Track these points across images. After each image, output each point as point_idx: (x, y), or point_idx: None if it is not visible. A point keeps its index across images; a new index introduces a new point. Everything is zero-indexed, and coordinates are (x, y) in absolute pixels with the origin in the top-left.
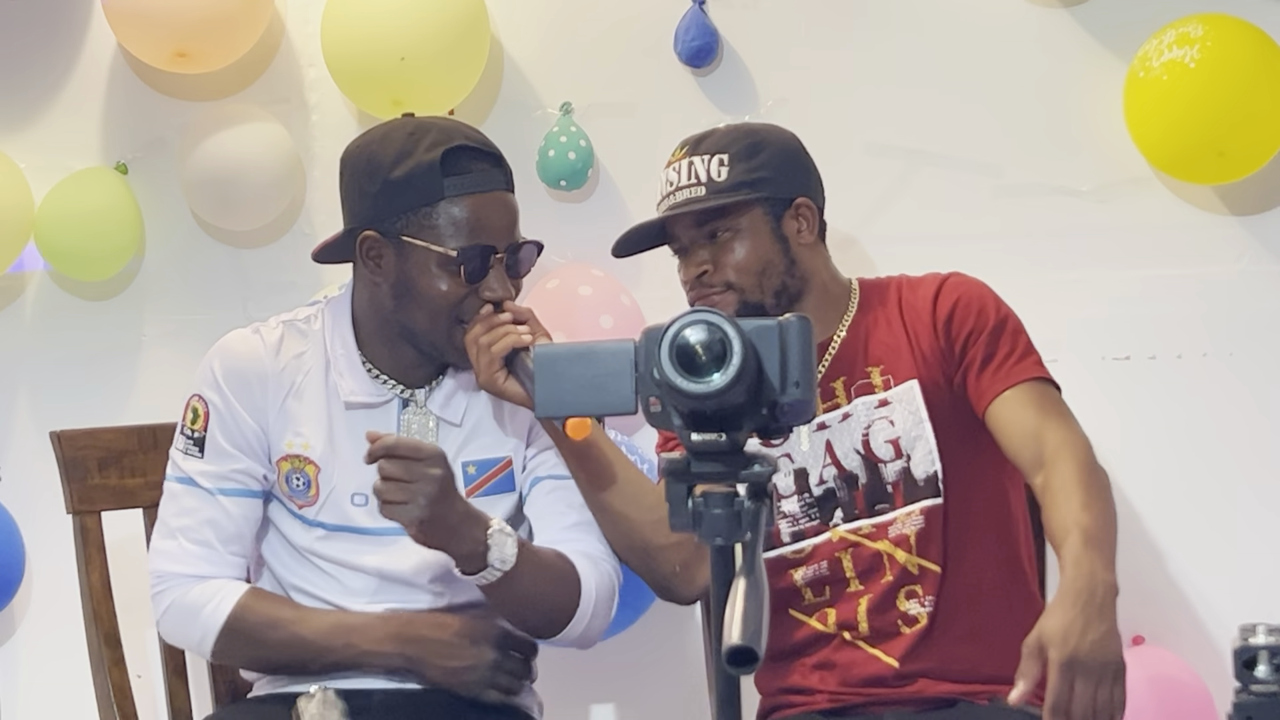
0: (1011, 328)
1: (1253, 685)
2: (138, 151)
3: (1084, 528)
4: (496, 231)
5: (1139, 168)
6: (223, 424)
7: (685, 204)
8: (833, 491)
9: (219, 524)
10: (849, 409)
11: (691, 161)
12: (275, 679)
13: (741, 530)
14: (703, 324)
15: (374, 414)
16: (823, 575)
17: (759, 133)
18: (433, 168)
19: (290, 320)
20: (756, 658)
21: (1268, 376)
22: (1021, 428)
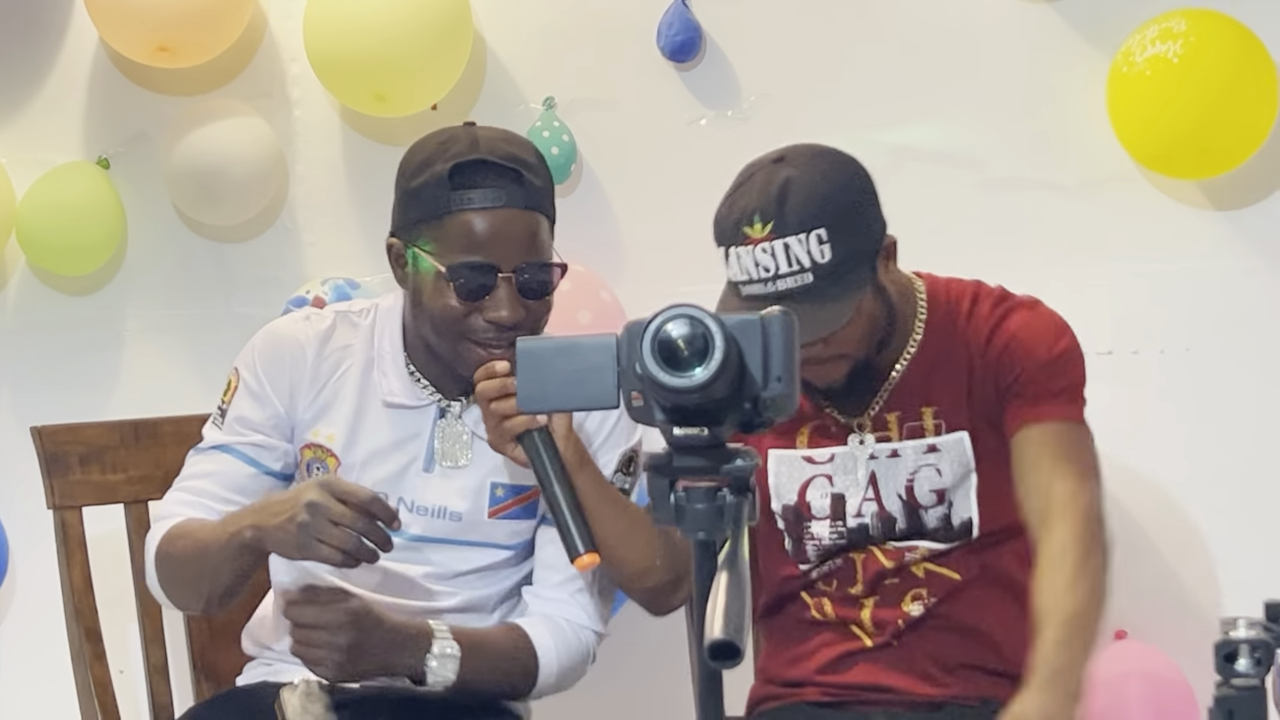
0: (1068, 364)
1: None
2: (120, 146)
3: (1065, 615)
4: (502, 251)
5: (1122, 163)
6: (248, 399)
7: (795, 294)
8: (866, 528)
9: (208, 475)
10: (899, 447)
11: (787, 244)
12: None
13: (724, 524)
14: (685, 318)
15: (411, 417)
16: (836, 568)
17: (837, 187)
18: (442, 181)
19: (344, 311)
20: (738, 652)
21: (1251, 372)
22: (1034, 475)
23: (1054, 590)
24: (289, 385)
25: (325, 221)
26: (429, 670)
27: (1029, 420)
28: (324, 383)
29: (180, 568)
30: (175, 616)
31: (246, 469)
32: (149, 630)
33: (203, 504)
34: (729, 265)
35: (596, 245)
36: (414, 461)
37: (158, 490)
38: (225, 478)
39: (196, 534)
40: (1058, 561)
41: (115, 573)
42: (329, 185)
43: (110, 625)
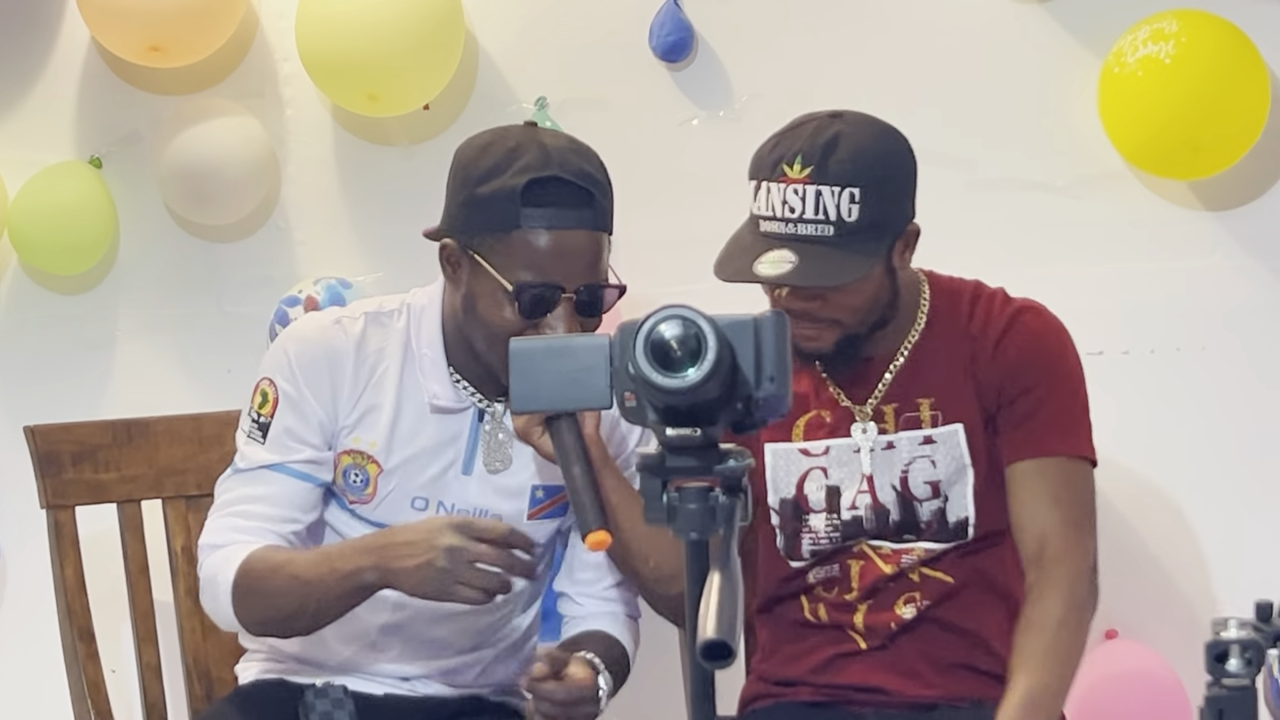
0: (1068, 389)
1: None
2: (112, 145)
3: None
4: (569, 271)
5: (1113, 163)
6: (292, 410)
7: (812, 242)
8: (861, 521)
9: (263, 499)
10: (894, 439)
11: (820, 191)
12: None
13: (716, 524)
14: (678, 319)
15: (451, 419)
16: (833, 577)
17: (883, 154)
18: (514, 195)
19: (374, 313)
20: (731, 652)
21: (1240, 371)
22: (1030, 519)
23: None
24: (331, 395)
25: (317, 221)
26: (602, 701)
27: (1030, 454)
28: (363, 389)
29: (274, 601)
30: (168, 616)
31: (303, 485)
32: (142, 630)
33: (261, 529)
34: (756, 198)
35: None
36: (453, 464)
37: (150, 489)
38: (281, 498)
39: (290, 569)
40: (1039, 628)
41: (108, 572)
42: (321, 185)
43: (103, 625)
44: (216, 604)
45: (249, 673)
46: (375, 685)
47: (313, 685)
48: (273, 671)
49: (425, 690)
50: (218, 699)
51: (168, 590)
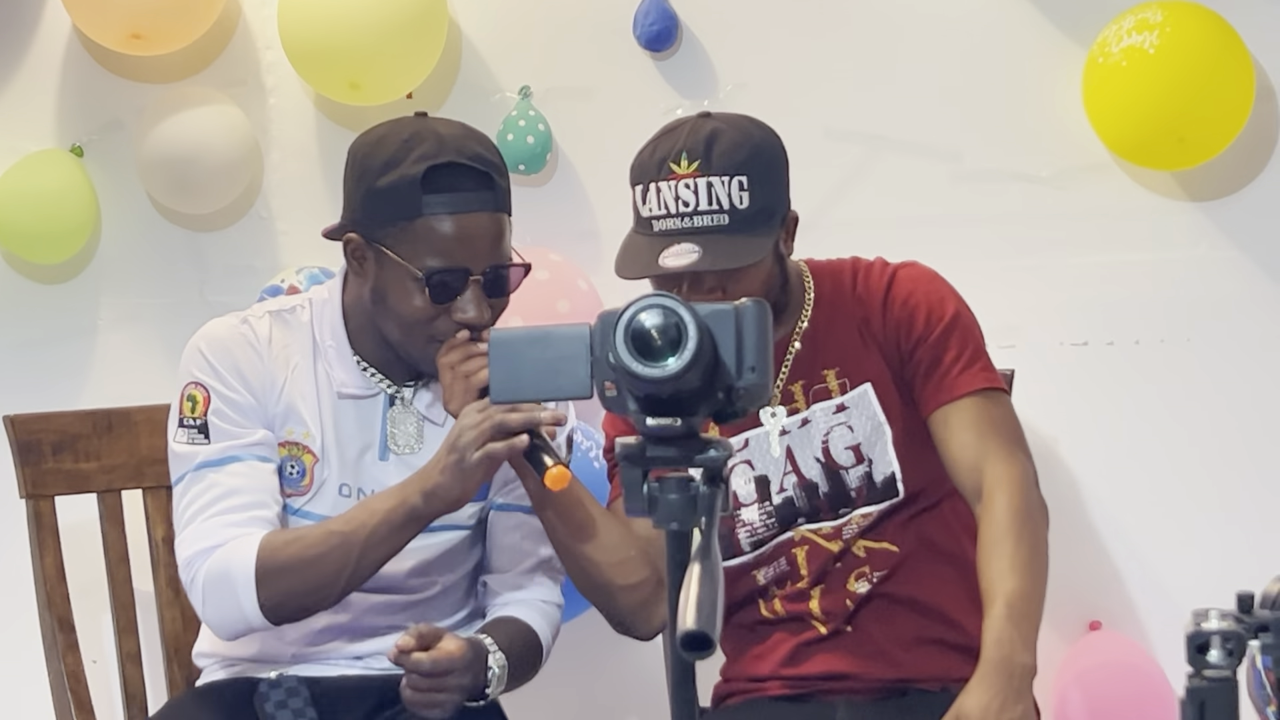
0: (962, 328)
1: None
2: (93, 134)
3: (1008, 597)
4: (474, 253)
5: (1098, 154)
6: (226, 402)
7: (710, 232)
8: (791, 500)
9: (237, 490)
10: (808, 414)
11: (710, 183)
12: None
13: (697, 515)
14: (658, 308)
15: (362, 405)
16: (782, 572)
17: (760, 143)
18: (414, 183)
19: (277, 310)
20: (711, 643)
21: (1225, 363)
22: (961, 453)
23: (995, 572)
24: (255, 379)
25: (300, 210)
26: (491, 683)
27: (945, 399)
28: (282, 384)
29: (312, 565)
30: (148, 606)
31: (265, 467)
32: (122, 620)
33: (253, 519)
34: (645, 201)
35: (572, 235)
36: (369, 449)
37: (130, 479)
38: (253, 486)
39: (322, 528)
40: (998, 543)
41: (88, 562)
42: (304, 173)
43: (83, 615)
44: (234, 598)
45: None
46: (329, 669)
47: (266, 678)
48: (225, 668)
49: (379, 666)
50: (172, 698)
51: (148, 580)
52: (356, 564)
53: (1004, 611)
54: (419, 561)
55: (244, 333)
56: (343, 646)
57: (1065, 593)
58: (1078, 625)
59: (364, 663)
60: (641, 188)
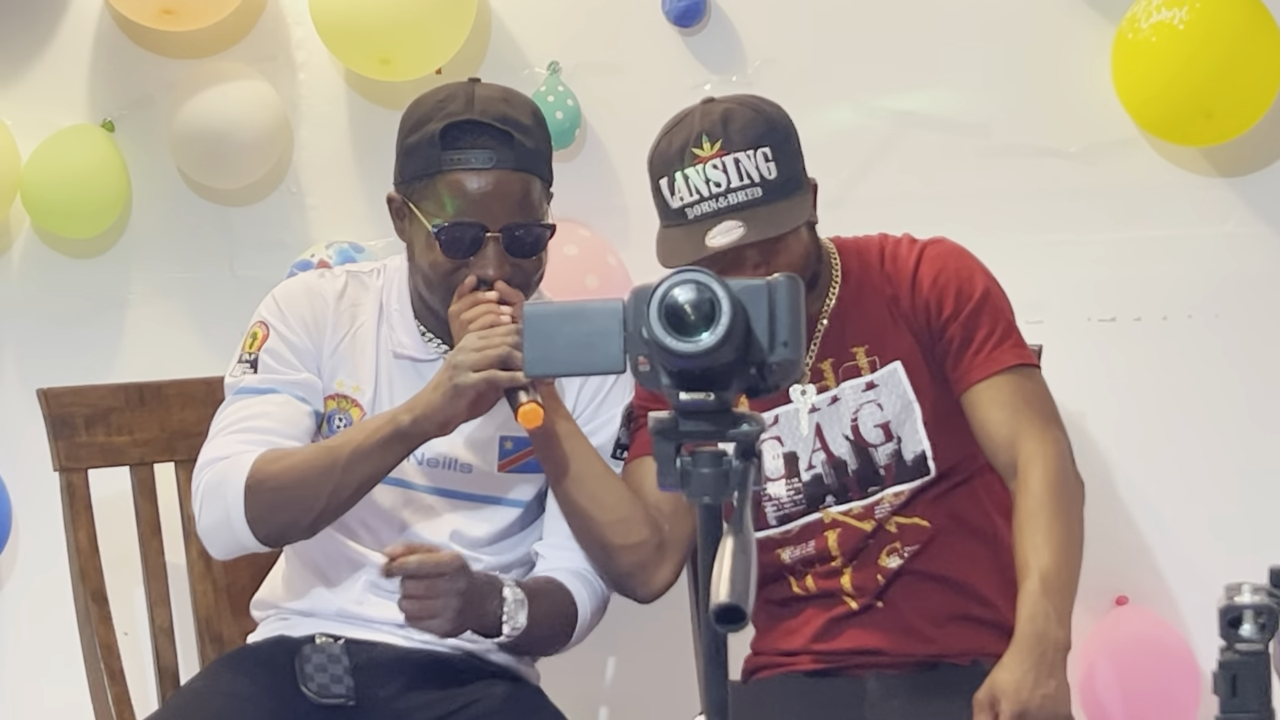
0: (992, 305)
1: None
2: (124, 109)
3: (1043, 572)
4: (489, 211)
5: (1126, 129)
6: (282, 341)
7: (747, 206)
8: (820, 478)
9: (264, 415)
10: (837, 392)
11: (736, 159)
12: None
13: (729, 489)
14: (692, 283)
15: (419, 368)
16: (809, 554)
17: (772, 115)
18: (433, 140)
19: (355, 271)
20: (744, 616)
21: (1252, 338)
22: (997, 430)
23: (1030, 547)
24: (316, 328)
25: (329, 185)
26: (506, 615)
27: (979, 377)
28: (343, 335)
29: (299, 480)
30: (180, 578)
31: (302, 407)
32: (154, 592)
33: (269, 441)
34: (675, 191)
35: (601, 210)
36: None
37: (163, 452)
38: (280, 415)
39: (313, 445)
40: (1033, 518)
41: (121, 535)
42: (333, 149)
43: (116, 587)
44: (225, 507)
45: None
46: (373, 633)
47: (311, 640)
48: (273, 631)
49: (420, 639)
50: (218, 656)
51: (180, 553)
52: (340, 479)
53: (1039, 586)
54: (457, 536)
55: (318, 285)
56: (386, 610)
57: (1092, 567)
58: (1104, 600)
59: (405, 632)
60: (667, 179)
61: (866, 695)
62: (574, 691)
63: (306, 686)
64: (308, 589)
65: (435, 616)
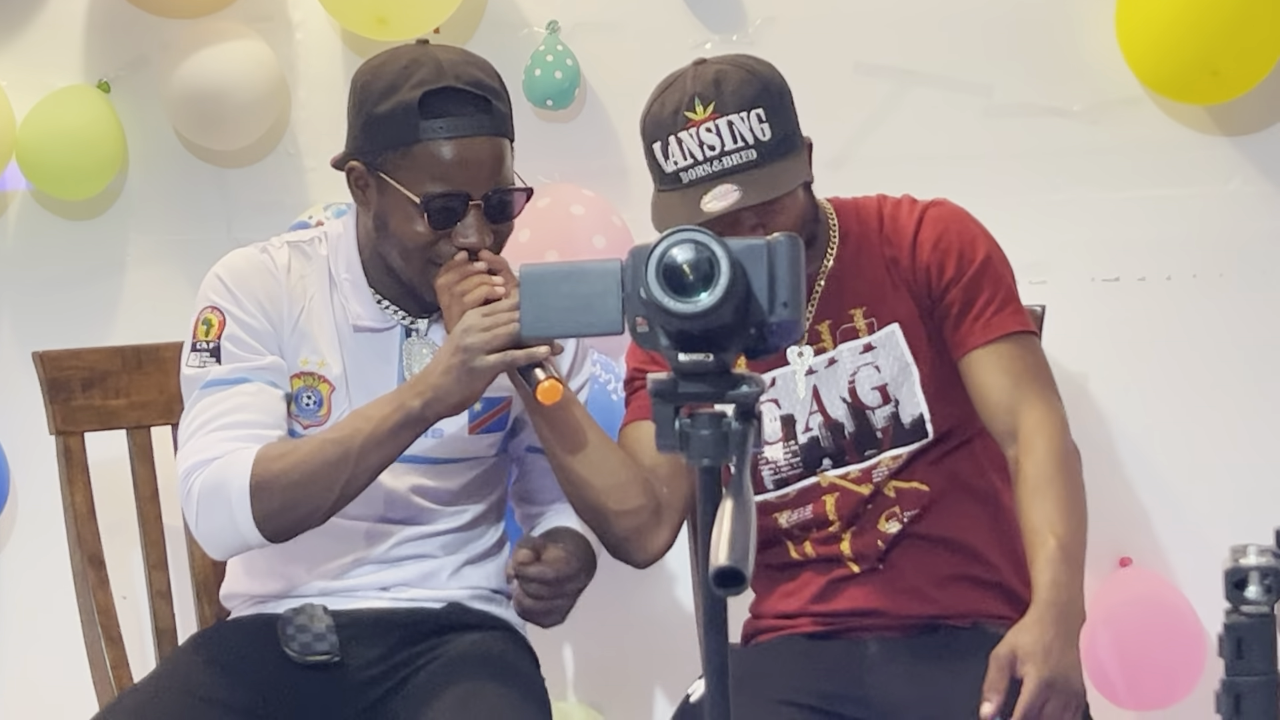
0: (993, 271)
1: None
2: (120, 69)
3: (1061, 540)
4: (473, 178)
5: (1131, 87)
6: (241, 326)
7: (742, 169)
8: (817, 440)
9: (242, 408)
10: (835, 354)
11: (730, 121)
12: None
13: (729, 451)
14: (690, 243)
15: (378, 338)
16: (807, 519)
17: (764, 75)
18: (411, 109)
19: (295, 242)
20: (744, 579)
21: (1258, 298)
22: (996, 395)
23: (1042, 515)
24: (272, 306)
25: (327, 146)
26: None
27: (978, 342)
28: (299, 312)
29: (308, 475)
30: (178, 542)
31: (275, 393)
32: (152, 556)
33: (255, 436)
34: (668, 156)
35: (602, 171)
36: (387, 383)
37: (160, 415)
38: (258, 406)
39: (318, 437)
40: (1045, 486)
41: (118, 498)
42: (331, 110)
43: (113, 551)
44: (228, 510)
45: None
46: (356, 600)
47: (290, 607)
48: (252, 609)
49: (406, 597)
50: (197, 632)
51: (178, 516)
52: (353, 471)
53: (1060, 554)
54: (437, 493)
55: (263, 260)
56: (370, 577)
57: (1095, 529)
58: (1108, 561)
59: (390, 593)
60: (660, 143)
61: (867, 658)
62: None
63: (288, 648)
64: (284, 569)
65: (553, 614)
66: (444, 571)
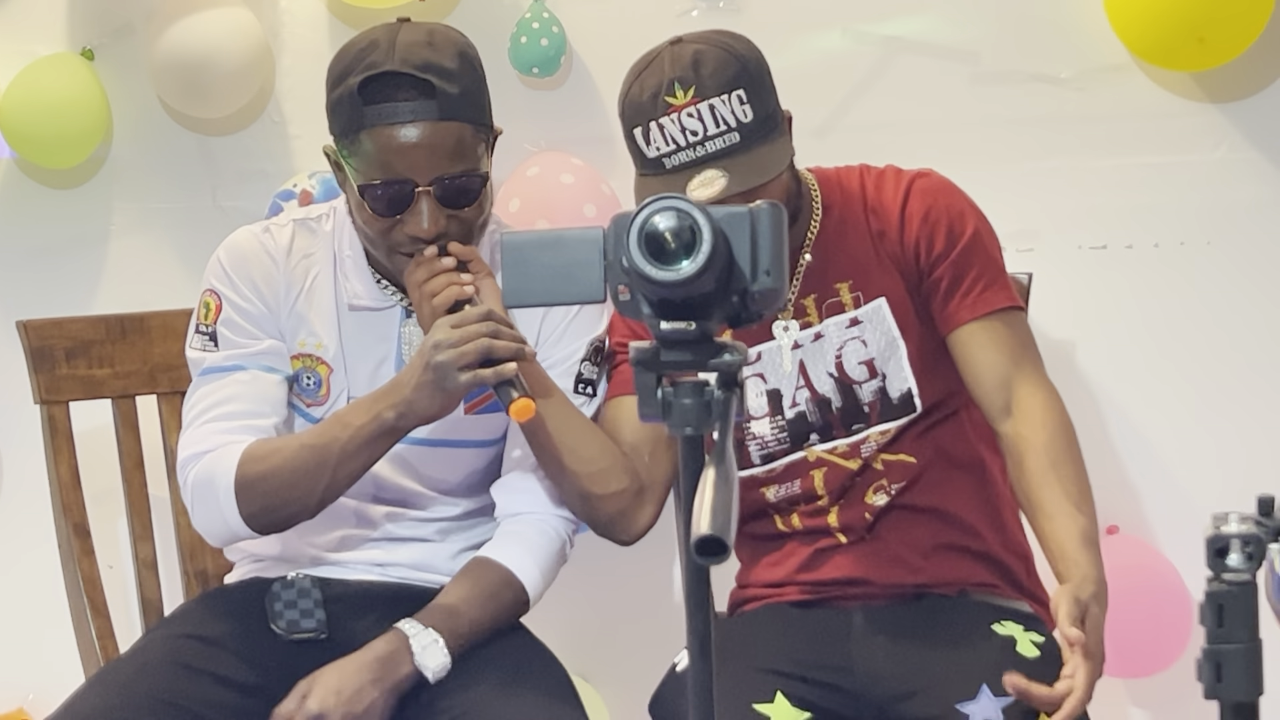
0: (982, 245)
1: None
2: (104, 37)
3: (1090, 518)
4: (415, 165)
5: (1118, 55)
6: (237, 311)
7: (726, 154)
8: (804, 415)
9: (235, 398)
10: (821, 329)
11: (711, 105)
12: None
13: (711, 419)
14: (672, 210)
15: (376, 317)
16: (795, 494)
17: (743, 54)
18: (354, 95)
19: (302, 219)
20: (726, 548)
21: (1245, 265)
22: (989, 371)
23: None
24: (269, 290)
25: (312, 114)
26: (423, 669)
27: (968, 318)
28: (298, 292)
29: (287, 479)
30: (163, 512)
31: (271, 378)
32: (137, 526)
33: (245, 427)
34: (650, 141)
35: (588, 139)
36: (384, 362)
37: (145, 385)
38: (252, 395)
39: (297, 441)
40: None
41: (102, 468)
42: (316, 77)
43: (98, 521)
44: (217, 505)
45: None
46: (349, 573)
47: (281, 578)
48: (248, 573)
49: (397, 575)
50: (185, 601)
51: (163, 486)
52: (331, 478)
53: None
54: (433, 482)
55: (264, 241)
56: (366, 553)
57: None
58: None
59: (382, 570)
60: (641, 129)
61: (853, 627)
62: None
63: (275, 625)
64: (283, 536)
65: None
66: (441, 555)
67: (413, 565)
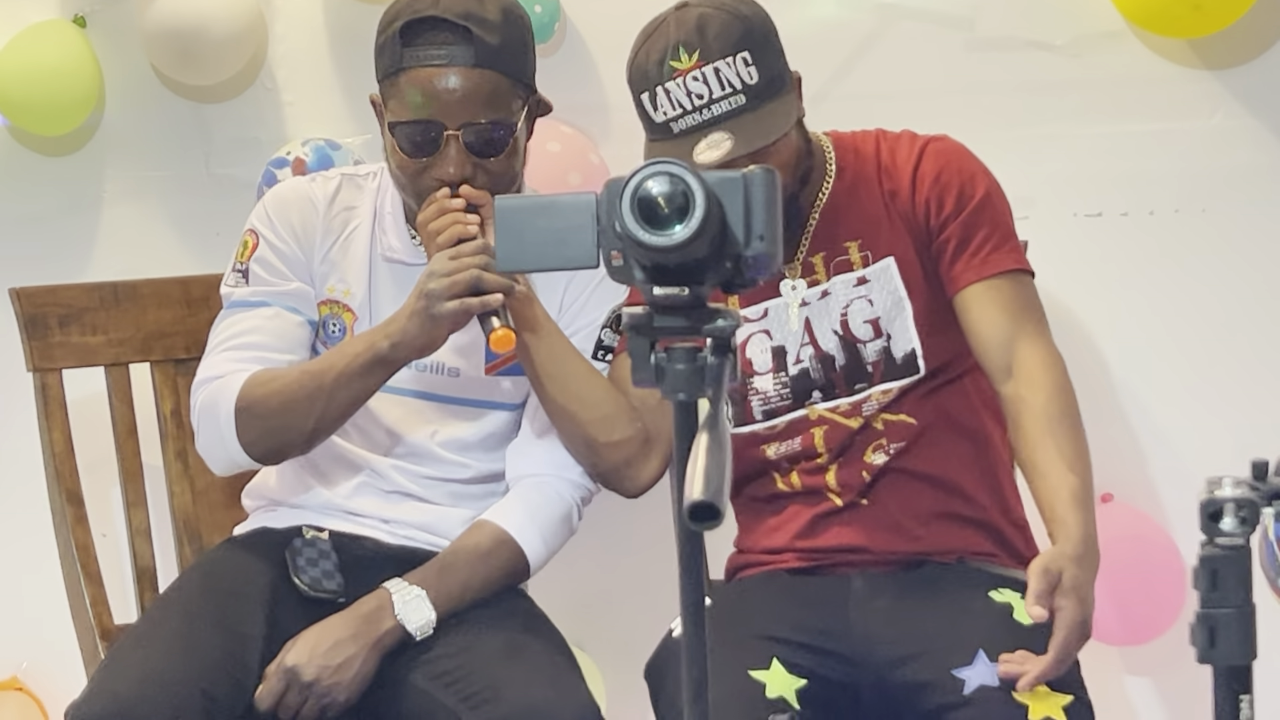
0: (992, 208)
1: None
2: (96, 4)
3: (1083, 479)
4: (447, 109)
5: (1113, 21)
6: (272, 250)
7: (732, 115)
8: (807, 372)
9: (255, 330)
10: (828, 286)
11: (716, 68)
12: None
13: (705, 385)
14: (665, 175)
15: (407, 271)
16: (795, 451)
17: (748, 15)
18: (395, 39)
19: (351, 174)
20: (718, 513)
21: (1240, 232)
22: (992, 330)
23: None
24: (305, 234)
25: (305, 81)
26: (405, 623)
27: (974, 278)
28: (334, 239)
29: (284, 403)
30: (157, 480)
31: (293, 318)
32: (131, 493)
33: (260, 359)
34: (657, 107)
35: (581, 107)
36: None
37: (138, 352)
38: (273, 329)
39: (297, 368)
40: (1057, 423)
41: (96, 436)
42: (309, 44)
43: (92, 488)
44: (218, 429)
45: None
46: (359, 526)
47: (300, 533)
48: (258, 522)
49: (402, 534)
50: (212, 548)
51: (157, 454)
52: (325, 404)
53: (1085, 495)
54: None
55: (309, 189)
56: (374, 506)
57: None
58: None
59: (389, 527)
60: (648, 94)
61: (851, 594)
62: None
63: (299, 579)
64: (299, 483)
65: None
66: (448, 520)
67: (420, 526)
